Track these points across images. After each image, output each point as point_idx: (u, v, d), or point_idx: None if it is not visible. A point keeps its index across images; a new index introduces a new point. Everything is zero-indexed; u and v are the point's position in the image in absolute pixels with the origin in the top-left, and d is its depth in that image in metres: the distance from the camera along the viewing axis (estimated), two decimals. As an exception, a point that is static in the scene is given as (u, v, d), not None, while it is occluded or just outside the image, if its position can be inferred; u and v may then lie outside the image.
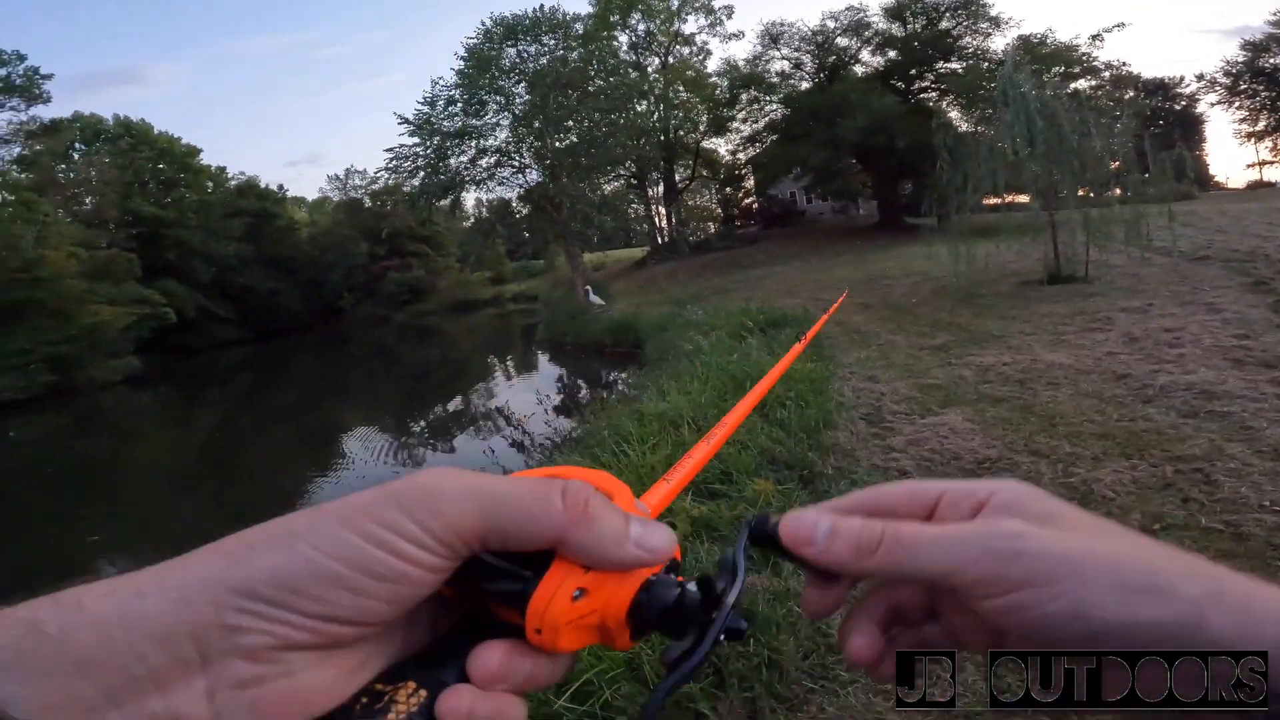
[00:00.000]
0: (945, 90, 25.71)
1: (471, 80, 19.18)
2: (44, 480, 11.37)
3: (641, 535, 0.30)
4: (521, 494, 0.28)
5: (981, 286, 10.20)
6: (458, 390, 15.89)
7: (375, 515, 0.26)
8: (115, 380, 21.81)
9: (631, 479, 3.92)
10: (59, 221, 22.74)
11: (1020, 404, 4.70)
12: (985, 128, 13.59)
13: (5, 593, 1.06)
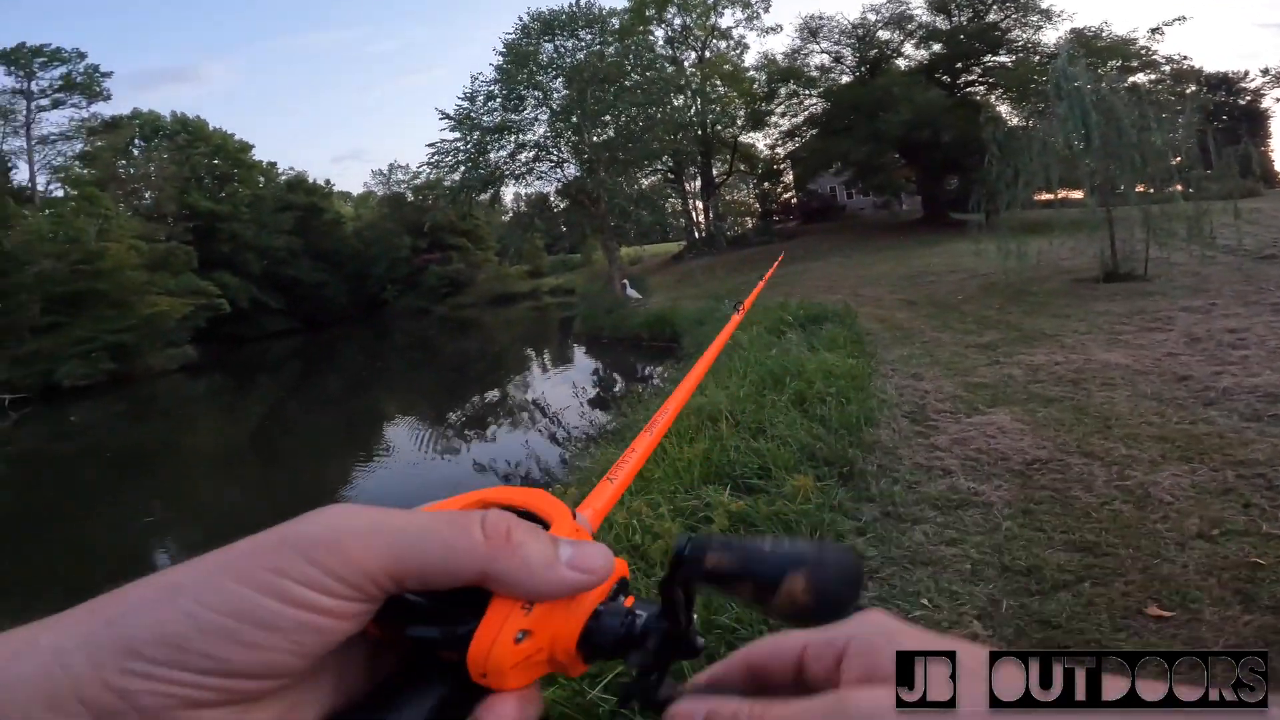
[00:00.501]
0: (994, 84, 25.11)
1: (510, 75, 19.37)
2: (103, 464, 11.93)
3: (574, 557, 0.28)
4: (436, 528, 0.26)
5: (1033, 284, 9.92)
6: (496, 382, 16.13)
7: (266, 562, 0.24)
8: (172, 368, 22.70)
9: (669, 472, 3.91)
10: (120, 215, 23.75)
11: (1073, 404, 4.53)
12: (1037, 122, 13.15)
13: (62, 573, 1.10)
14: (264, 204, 34.06)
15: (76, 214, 21.58)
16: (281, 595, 0.23)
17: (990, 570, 2.72)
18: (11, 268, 19.45)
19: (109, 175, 27.14)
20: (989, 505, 3.26)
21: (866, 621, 0.31)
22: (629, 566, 0.33)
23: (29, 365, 18.93)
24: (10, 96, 27.23)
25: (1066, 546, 2.82)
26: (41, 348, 19.27)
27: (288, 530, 0.25)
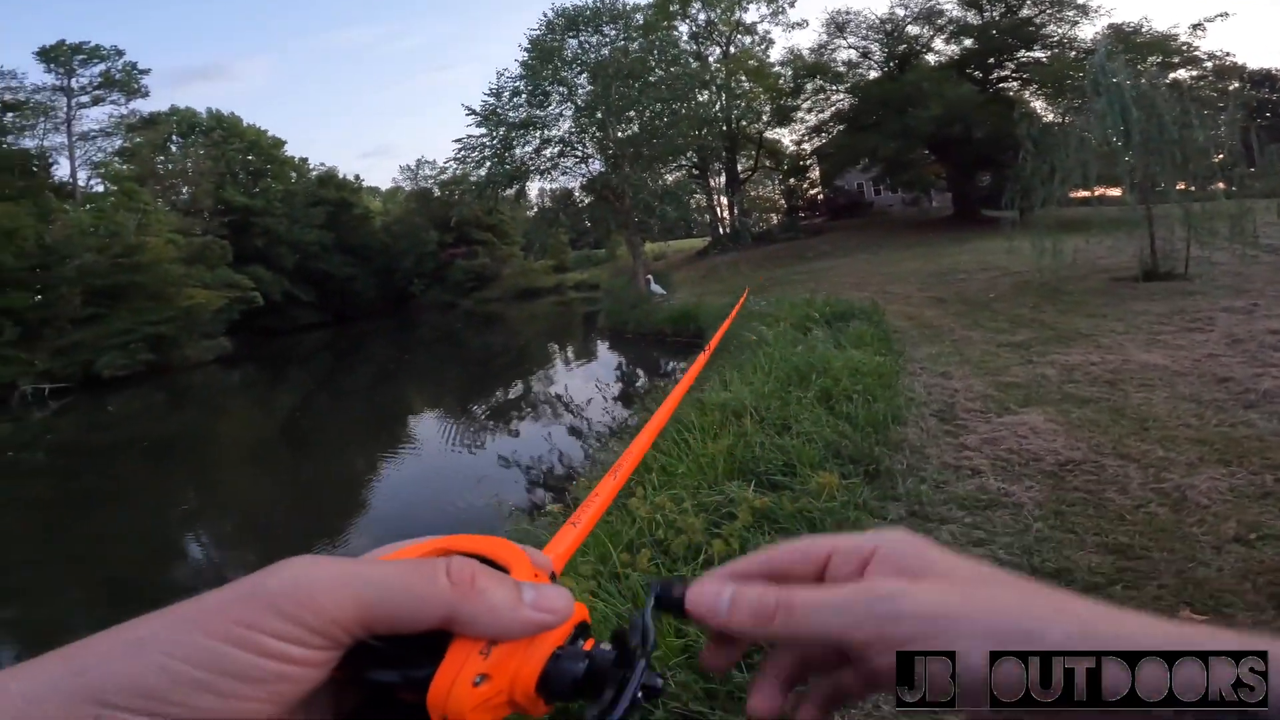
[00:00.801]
0: (1028, 79, 24.61)
1: (535, 71, 19.43)
2: (140, 453, 12.29)
3: (537, 599, 0.29)
4: (402, 575, 0.27)
5: (1068, 282, 9.71)
6: (520, 375, 16.27)
7: (235, 615, 0.24)
8: (208, 359, 23.29)
9: (693, 468, 3.92)
10: (159, 210, 24.40)
11: (1109, 405, 4.43)
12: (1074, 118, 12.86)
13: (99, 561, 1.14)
14: (296, 199, 34.71)
15: (116, 209, 22.22)
16: (253, 647, 0.24)
17: (1018, 572, 2.66)
18: (53, 261, 20.11)
19: (148, 171, 27.85)
20: (1019, 506, 3.21)
21: (892, 534, 0.34)
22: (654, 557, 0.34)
23: (70, 356, 19.56)
24: (51, 94, 28.01)
25: (1099, 549, 2.77)
26: (82, 339, 19.91)
27: (256, 583, 0.25)
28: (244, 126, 34.67)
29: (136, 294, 21.09)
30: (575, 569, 2.79)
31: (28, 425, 15.89)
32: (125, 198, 22.82)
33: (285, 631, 0.24)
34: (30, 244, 19.61)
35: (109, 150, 29.66)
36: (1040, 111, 22.77)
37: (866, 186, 36.63)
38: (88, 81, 29.09)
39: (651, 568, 2.80)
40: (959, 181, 26.70)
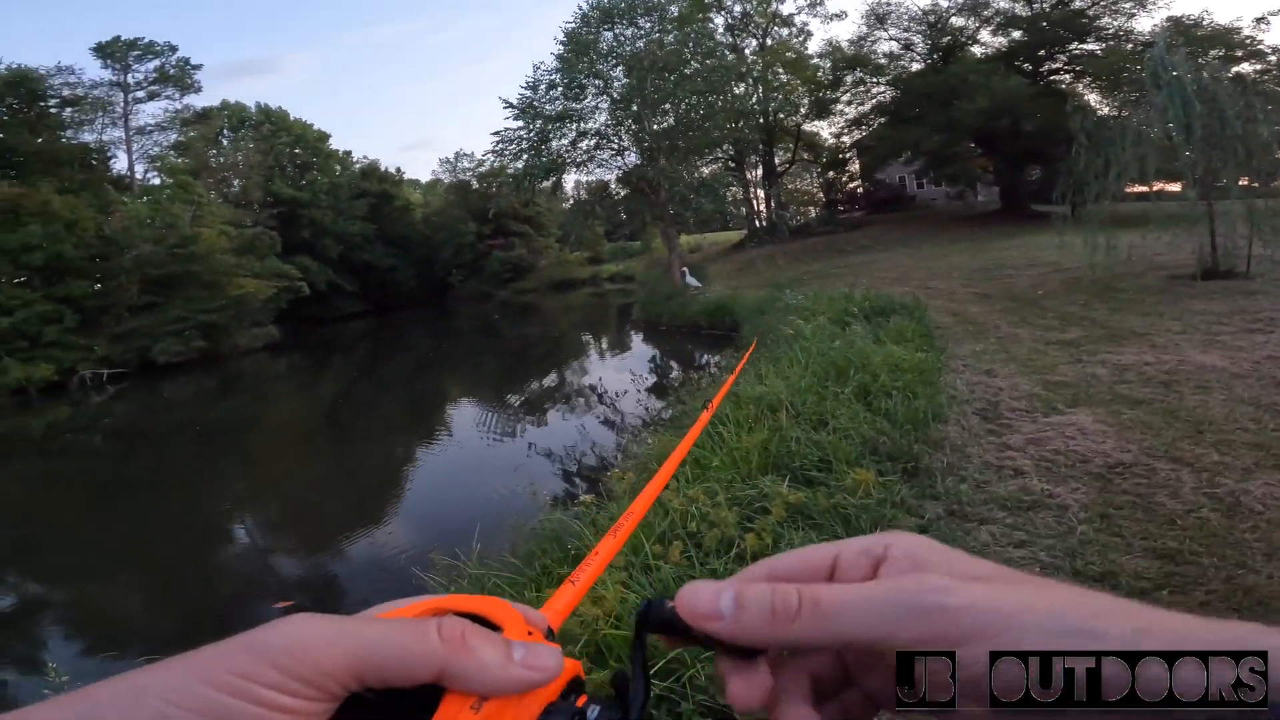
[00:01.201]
0: (1081, 72, 23.86)
1: (570, 64, 19.47)
2: (193, 437, 12.80)
3: (526, 656, 0.30)
4: (394, 632, 0.28)
5: (1122, 279, 9.38)
6: (555, 365, 16.44)
7: (230, 664, 0.25)
8: (257, 347, 24.09)
9: (726, 461, 3.92)
10: (211, 202, 25.27)
11: (1163, 407, 4.28)
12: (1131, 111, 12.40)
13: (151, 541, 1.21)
14: (340, 191, 35.56)
15: (172, 201, 23.06)
16: (246, 696, 0.25)
17: (1060, 574, 2.62)
18: (112, 251, 21.04)
19: (201, 164, 28.85)
20: (1064, 508, 3.13)
21: (900, 535, 0.32)
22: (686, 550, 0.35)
23: (127, 342, 20.45)
24: (108, 89, 29.20)
25: (1146, 553, 2.70)
26: (139, 326, 20.79)
27: (253, 637, 0.26)
28: (291, 121, 35.61)
29: (191, 283, 21.90)
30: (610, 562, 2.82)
31: (86, 409, 16.69)
32: (180, 190, 23.66)
33: (279, 683, 0.25)
34: (90, 235, 20.54)
35: (164, 144, 30.86)
36: (1094, 105, 22.04)
37: (908, 180, 35.80)
38: (143, 77, 30.26)
39: (683, 560, 2.82)
40: (1007, 175, 25.99)
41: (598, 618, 2.42)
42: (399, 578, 4.28)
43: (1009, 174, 25.79)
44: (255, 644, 0.26)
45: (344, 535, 6.54)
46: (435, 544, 4.04)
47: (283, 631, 0.27)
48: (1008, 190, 26.29)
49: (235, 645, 0.26)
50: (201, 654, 0.26)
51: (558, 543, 3.45)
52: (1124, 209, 10.32)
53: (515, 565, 3.37)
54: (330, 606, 5.17)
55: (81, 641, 5.20)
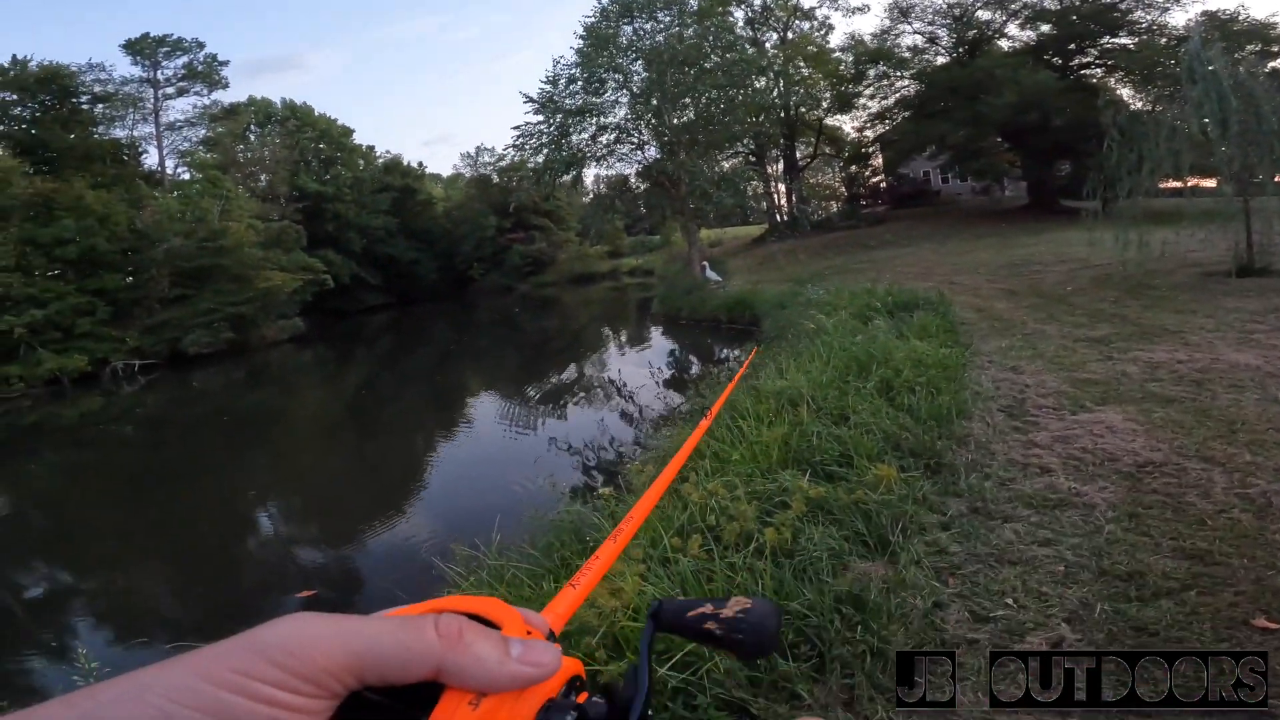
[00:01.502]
0: (1113, 66, 23.40)
1: (590, 59, 19.42)
2: (221, 427, 13.08)
3: (523, 653, 0.30)
4: (392, 630, 0.29)
5: (1154, 276, 9.18)
6: (575, 358, 16.51)
7: (231, 662, 0.26)
8: (283, 338, 24.54)
9: (746, 455, 3.90)
10: (239, 196, 25.71)
11: (1195, 406, 4.17)
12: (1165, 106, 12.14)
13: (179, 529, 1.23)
14: (364, 185, 35.97)
15: (201, 195, 23.51)
16: (246, 692, 0.25)
17: (1086, 574, 2.58)
18: (144, 245, 21.50)
19: (229, 159, 29.35)
20: (1091, 507, 3.07)
21: None
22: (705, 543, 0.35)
23: (158, 334, 20.93)
24: (139, 85, 29.79)
25: (1174, 554, 2.64)
26: (169, 318, 21.26)
27: (253, 636, 0.27)
28: (316, 116, 36.06)
29: (220, 276, 22.34)
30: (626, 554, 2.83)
31: (118, 400, 17.11)
32: (210, 185, 24.11)
33: (280, 680, 0.26)
34: (122, 229, 21.02)
35: (194, 140, 31.43)
36: (1127, 99, 21.60)
37: (933, 174, 35.29)
38: (172, 73, 30.79)
39: (702, 553, 2.82)
40: (1035, 170, 25.55)
41: (615, 609, 2.43)
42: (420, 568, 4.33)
43: (1037, 169, 25.34)
44: (256, 642, 0.26)
45: (366, 525, 6.64)
46: (455, 535, 4.08)
47: (283, 630, 0.27)
48: (1036, 185, 25.84)
49: (236, 644, 0.27)
50: (203, 653, 0.26)
51: (576, 535, 3.47)
52: (1157, 204, 10.14)
53: (534, 557, 3.39)
54: (351, 596, 5.28)
55: (111, 628, 5.32)
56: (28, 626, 5.44)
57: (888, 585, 2.59)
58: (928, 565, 2.76)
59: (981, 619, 2.38)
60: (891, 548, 2.88)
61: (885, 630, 2.30)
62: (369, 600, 4.92)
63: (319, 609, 1.18)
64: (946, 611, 2.45)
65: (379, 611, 0.34)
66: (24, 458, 12.32)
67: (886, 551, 2.88)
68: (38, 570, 6.95)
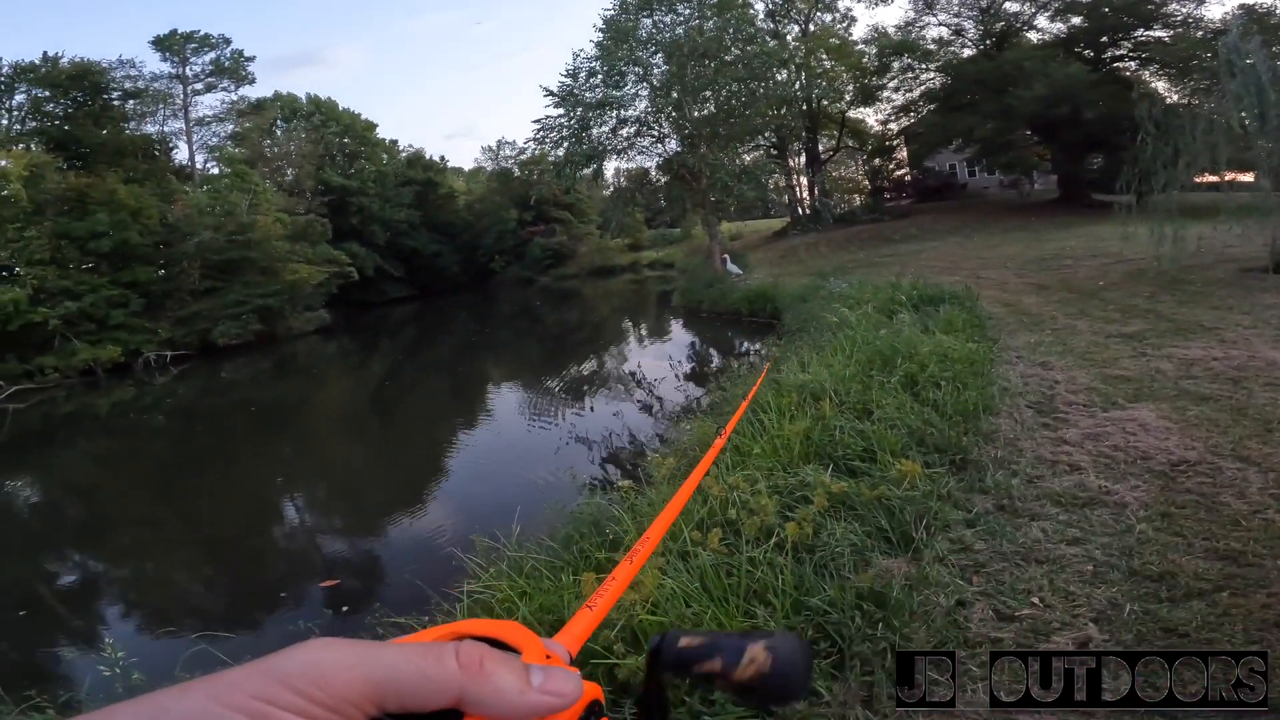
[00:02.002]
0: (1147, 59, 22.86)
1: (610, 52, 19.33)
2: (249, 416, 13.33)
3: (545, 682, 0.30)
4: (412, 658, 0.28)
5: (1190, 271, 8.94)
6: (594, 350, 16.54)
7: (251, 688, 0.25)
8: (309, 330, 24.91)
9: (768, 449, 3.87)
10: (266, 190, 26.06)
11: (1231, 404, 4.06)
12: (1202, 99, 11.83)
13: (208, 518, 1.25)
14: (387, 179, 36.31)
15: (230, 189, 23.90)
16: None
17: (1115, 574, 2.53)
18: (175, 238, 21.94)
19: (256, 153, 29.80)
20: (1122, 506, 3.00)
21: None
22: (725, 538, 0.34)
23: (189, 325, 21.36)
24: (168, 82, 30.34)
25: (1207, 554, 2.58)
26: (200, 310, 21.67)
27: (273, 662, 0.27)
28: (340, 111, 36.42)
29: (248, 268, 22.73)
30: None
31: (150, 389, 17.52)
32: (238, 179, 24.45)
33: (299, 707, 0.25)
34: (154, 223, 21.44)
35: (222, 135, 31.95)
36: (1162, 92, 21.07)
37: (959, 167, 34.68)
38: (200, 69, 31.29)
39: (722, 548, 2.81)
40: (1066, 164, 25.05)
41: (634, 603, 2.43)
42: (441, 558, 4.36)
43: (1068, 163, 24.84)
44: (277, 668, 0.26)
45: (388, 515, 6.73)
46: (476, 525, 4.10)
47: (304, 656, 0.27)
48: (1067, 179, 25.34)
49: (255, 669, 0.26)
50: (223, 677, 0.26)
51: (595, 527, 3.47)
52: (1193, 198, 9.91)
53: (553, 549, 3.40)
54: (373, 586, 5.35)
55: (140, 616, 5.41)
56: (60, 614, 5.56)
57: (910, 582, 2.56)
58: (952, 563, 2.72)
59: (1006, 618, 2.34)
60: (915, 544, 2.85)
61: (907, 628, 2.27)
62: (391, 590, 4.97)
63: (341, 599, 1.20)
64: (970, 610, 2.41)
65: (399, 637, 0.34)
66: (60, 446, 12.69)
67: (910, 548, 2.84)
68: (70, 557, 7.12)
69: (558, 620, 2.58)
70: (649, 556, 0.70)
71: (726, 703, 2.02)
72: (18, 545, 7.46)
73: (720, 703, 2.02)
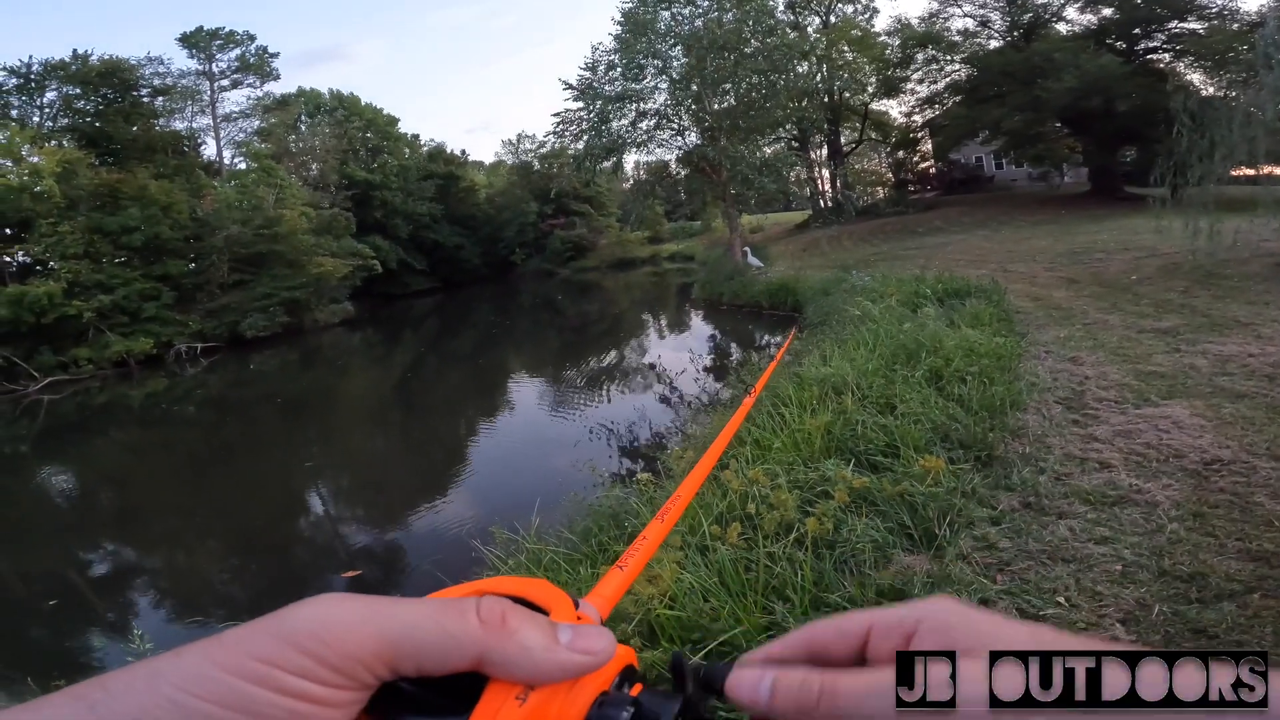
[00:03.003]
0: (1182, 51, 22.23)
1: (628, 45, 19.23)
2: (274, 409, 13.57)
3: (573, 639, 0.28)
4: (429, 614, 0.26)
5: (1226, 266, 8.69)
6: (614, 343, 16.57)
7: (254, 650, 0.24)
8: (334, 322, 25.30)
9: (788, 443, 3.84)
10: (292, 185, 26.44)
11: (1267, 402, 3.94)
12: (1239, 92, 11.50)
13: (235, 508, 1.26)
14: (410, 173, 36.62)
15: (257, 184, 24.29)
16: (271, 684, 0.23)
17: (1144, 574, 2.47)
18: (205, 232, 22.38)
19: (282, 149, 30.22)
20: (1153, 505, 2.93)
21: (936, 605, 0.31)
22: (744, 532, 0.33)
23: (219, 318, 21.79)
24: (196, 78, 30.85)
25: (1240, 555, 2.51)
26: (229, 302, 22.09)
27: (277, 619, 0.25)
28: (362, 106, 36.78)
29: (275, 262, 23.10)
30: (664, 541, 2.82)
31: (181, 380, 17.92)
32: (264, 174, 24.84)
33: (305, 669, 0.24)
34: (184, 217, 21.88)
35: (248, 130, 32.47)
36: (1197, 85, 20.52)
37: (986, 160, 34.03)
38: (226, 66, 31.77)
39: (741, 542, 2.79)
40: (1098, 156, 24.48)
41: (652, 597, 2.43)
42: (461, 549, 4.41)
43: (1100, 155, 24.27)
44: (282, 627, 0.24)
45: (410, 506, 6.81)
46: (495, 517, 4.13)
47: (309, 614, 0.25)
48: (1098, 172, 24.77)
49: (260, 628, 0.25)
50: (222, 638, 0.24)
51: (614, 520, 3.48)
52: (1230, 192, 9.65)
53: (572, 541, 3.41)
54: (395, 576, 5.43)
55: (167, 603, 5.52)
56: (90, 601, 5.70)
57: (932, 580, 2.53)
58: (975, 561, 2.68)
59: (1031, 617, 2.30)
60: (937, 541, 2.81)
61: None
62: (411, 581, 5.04)
63: (362, 589, 1.18)
64: (993, 609, 2.37)
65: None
66: (94, 436, 13.04)
67: (932, 545, 2.81)
68: (102, 545, 7.31)
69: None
70: (681, 513, 0.69)
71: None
72: (53, 532, 7.70)
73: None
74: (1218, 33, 20.46)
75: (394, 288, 33.52)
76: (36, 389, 17.10)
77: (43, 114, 24.62)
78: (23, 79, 24.10)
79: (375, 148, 36.37)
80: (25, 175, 19.01)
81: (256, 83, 32.65)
